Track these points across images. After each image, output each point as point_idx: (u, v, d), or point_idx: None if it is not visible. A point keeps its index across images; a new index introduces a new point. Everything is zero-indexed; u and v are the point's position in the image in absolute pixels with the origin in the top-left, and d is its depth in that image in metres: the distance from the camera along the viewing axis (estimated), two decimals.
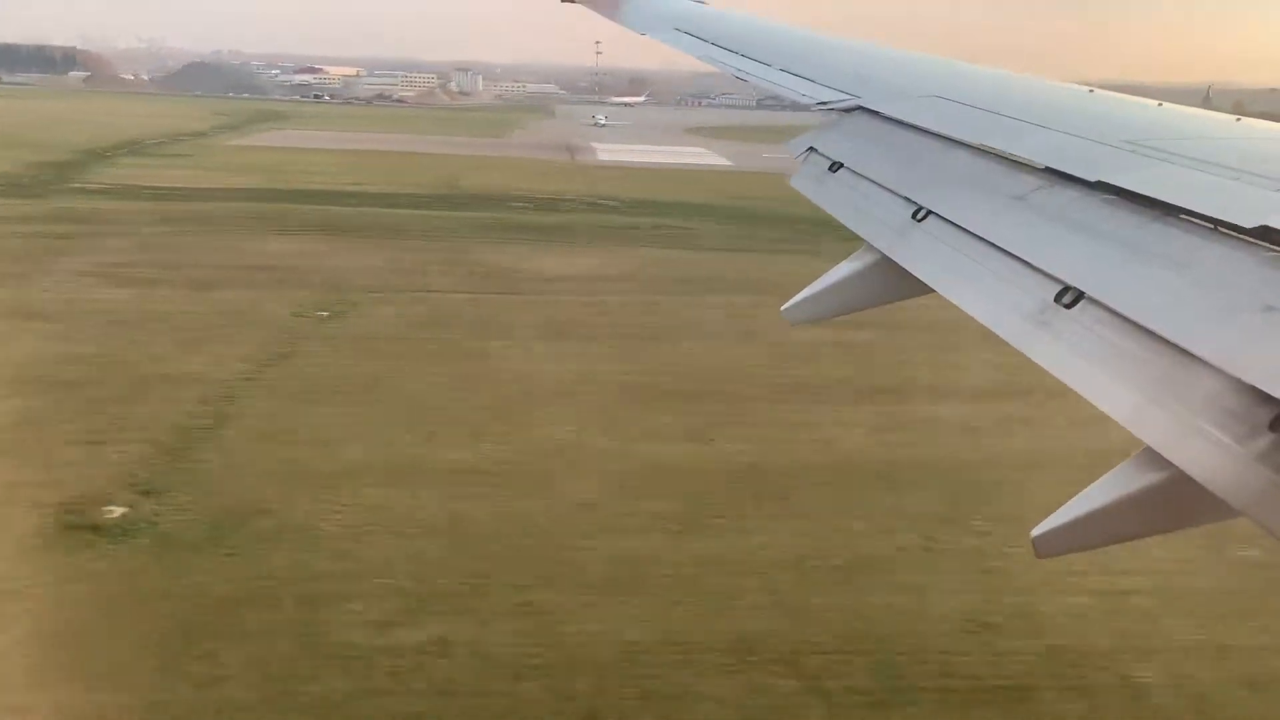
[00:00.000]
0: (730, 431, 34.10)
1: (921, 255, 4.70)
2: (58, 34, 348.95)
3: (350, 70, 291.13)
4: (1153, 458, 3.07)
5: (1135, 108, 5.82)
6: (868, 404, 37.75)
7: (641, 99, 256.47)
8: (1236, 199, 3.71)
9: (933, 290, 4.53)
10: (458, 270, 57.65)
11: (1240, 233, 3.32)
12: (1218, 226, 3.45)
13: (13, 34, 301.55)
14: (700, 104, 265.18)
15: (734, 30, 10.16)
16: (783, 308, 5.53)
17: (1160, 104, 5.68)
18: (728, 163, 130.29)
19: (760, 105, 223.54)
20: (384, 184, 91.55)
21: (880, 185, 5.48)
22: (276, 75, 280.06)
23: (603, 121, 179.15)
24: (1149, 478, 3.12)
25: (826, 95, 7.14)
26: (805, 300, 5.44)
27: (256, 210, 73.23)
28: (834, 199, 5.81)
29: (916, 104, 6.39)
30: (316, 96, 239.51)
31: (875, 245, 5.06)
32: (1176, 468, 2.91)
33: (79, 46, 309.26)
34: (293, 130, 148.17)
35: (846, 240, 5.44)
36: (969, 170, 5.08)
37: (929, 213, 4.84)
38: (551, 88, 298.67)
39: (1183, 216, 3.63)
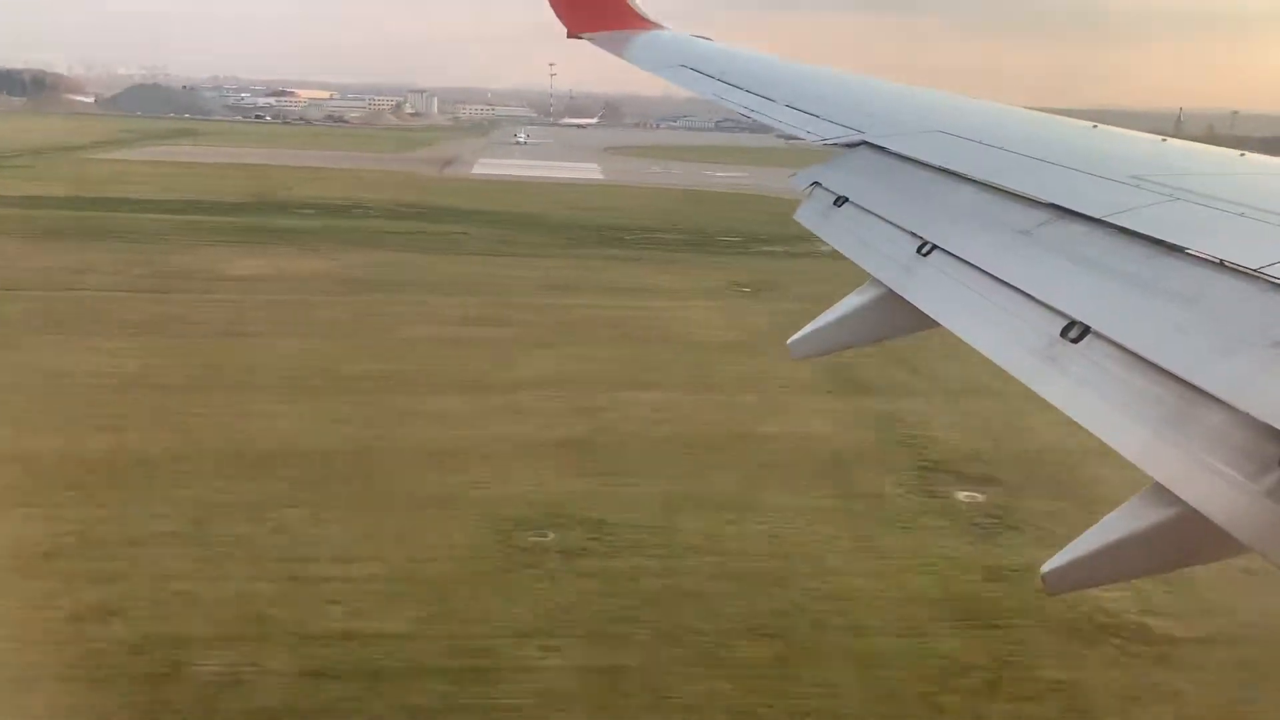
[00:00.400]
0: (143, 421, 32.54)
1: (927, 289, 4.65)
2: (61, 61, 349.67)
3: (323, 94, 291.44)
4: (1162, 493, 3.01)
5: (1140, 143, 5.77)
6: (359, 395, 36.33)
7: (594, 120, 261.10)
8: (1242, 237, 3.69)
9: (938, 324, 4.47)
10: (135, 271, 56.86)
11: (1246, 270, 3.30)
12: (1223, 262, 3.42)
13: (20, 60, 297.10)
14: (658, 126, 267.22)
15: (739, 67, 10.23)
16: (789, 341, 5.44)
17: (1165, 139, 5.66)
18: (600, 178, 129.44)
19: (718, 127, 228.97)
20: (191, 193, 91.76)
21: (885, 220, 5.45)
22: (244, 98, 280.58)
23: (522, 140, 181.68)
24: (1158, 514, 3.07)
25: (831, 131, 7.13)
26: (811, 334, 5.37)
27: (4, 215, 72.66)
28: (839, 233, 5.77)
29: (920, 139, 6.36)
30: (258, 117, 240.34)
31: (880, 279, 5.01)
32: (1186, 503, 2.86)
33: (65, 73, 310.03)
34: (188, 146, 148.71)
35: (602, 245, 4.15)
36: (974, 205, 5.05)
37: (934, 247, 4.80)
38: (522, 110, 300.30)
39: (1188, 253, 3.61)
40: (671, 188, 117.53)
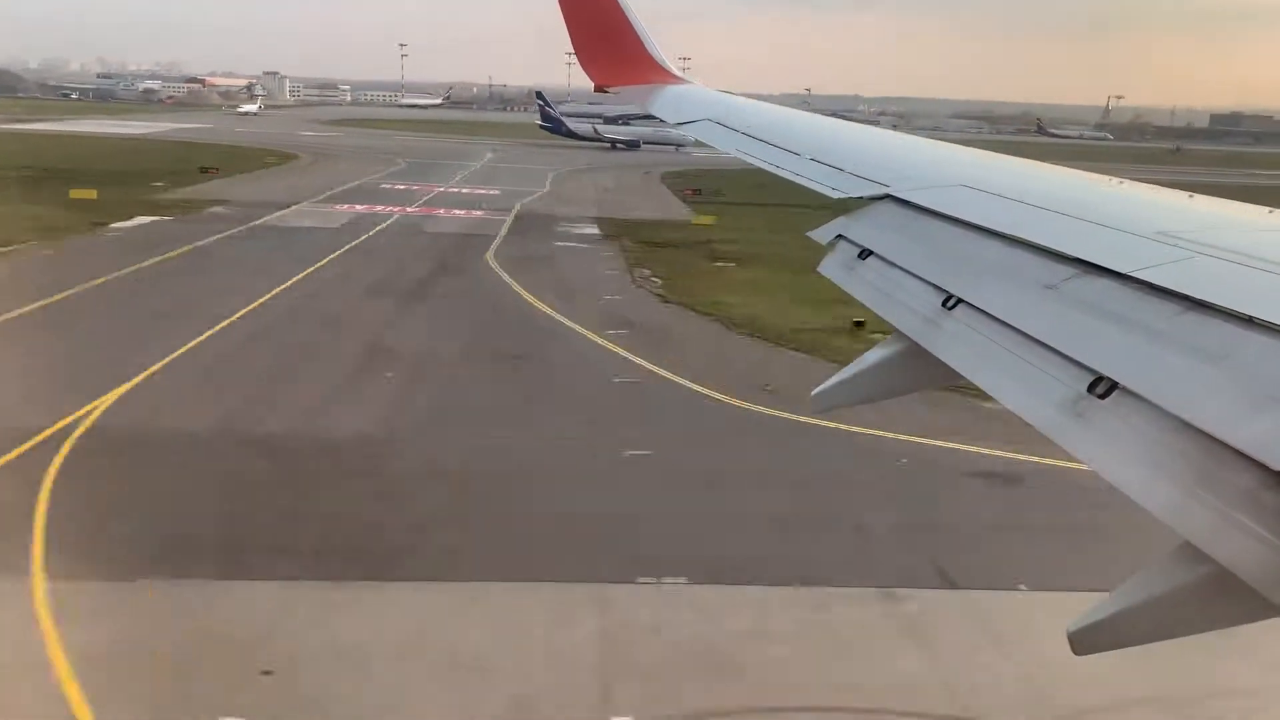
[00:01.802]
0: None
1: (952, 343, 4.65)
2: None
3: (240, 81, 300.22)
4: (1192, 553, 2.99)
5: (1166, 198, 5.89)
6: None
7: (436, 101, 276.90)
8: (1271, 293, 3.69)
9: (963, 378, 4.43)
10: None
11: (1276, 327, 3.29)
12: (1252, 319, 3.42)
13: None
14: (513, 109, 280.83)
15: (763, 122, 10.45)
16: (813, 393, 5.50)
17: (1191, 196, 5.80)
18: (146, 131, 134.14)
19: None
20: None
21: (909, 273, 5.48)
22: (147, 85, 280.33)
23: (244, 110, 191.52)
24: (1188, 574, 3.07)
25: (855, 184, 7.26)
26: (835, 386, 5.47)
27: None
28: (863, 285, 5.90)
29: (944, 193, 6.49)
30: (64, 95, 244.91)
31: (905, 332, 5.02)
32: (1216, 563, 2.85)
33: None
34: None
35: None
36: (998, 259, 5.07)
37: (959, 301, 4.82)
38: (432, 100, 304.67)
39: (1216, 309, 3.60)
40: (189, 141, 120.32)
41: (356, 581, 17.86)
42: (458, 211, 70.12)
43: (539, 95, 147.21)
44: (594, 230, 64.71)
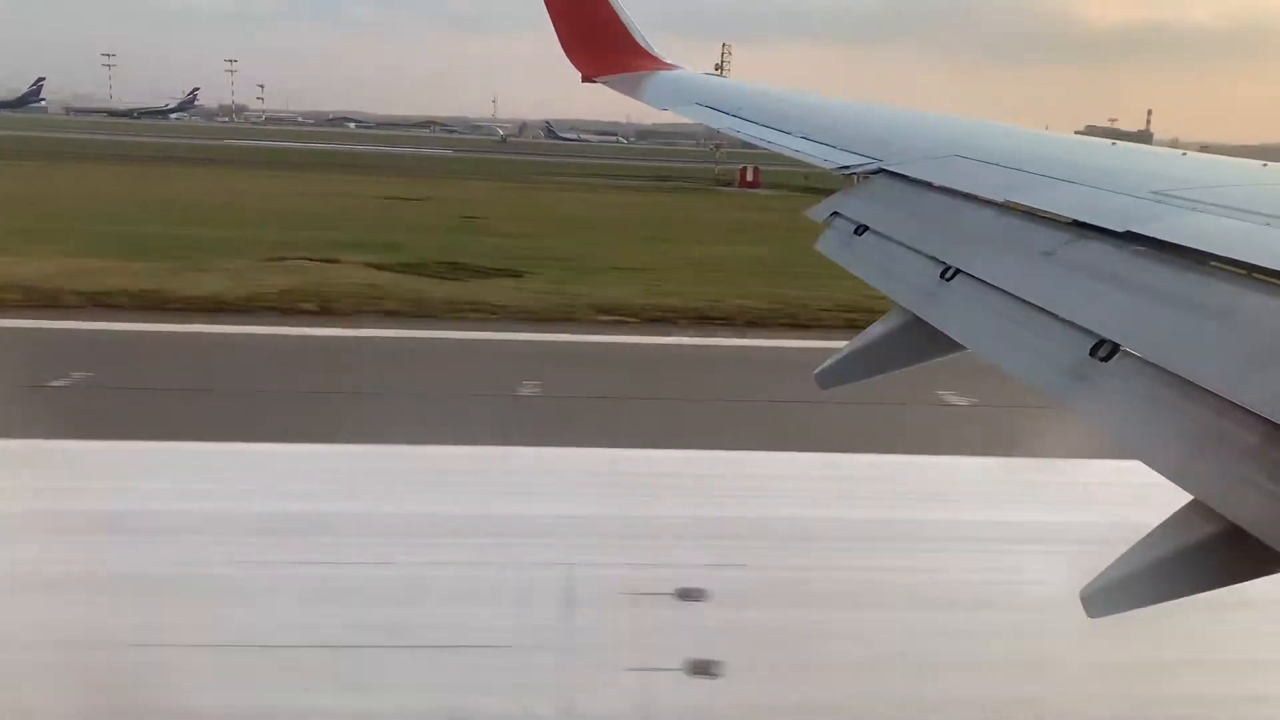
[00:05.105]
0: None
1: (952, 314, 4.60)
2: None
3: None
4: (1201, 510, 2.97)
5: (1159, 158, 5.88)
6: None
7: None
8: (1271, 246, 3.60)
9: (965, 349, 4.53)
10: None
11: (1277, 278, 3.23)
12: (1253, 273, 3.37)
13: None
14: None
15: (753, 102, 10.50)
16: (815, 372, 5.48)
17: (1185, 153, 5.79)
18: None
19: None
20: None
21: (906, 246, 5.50)
22: None
23: None
24: (1197, 532, 3.02)
25: (847, 159, 7.18)
26: (837, 364, 5.45)
27: None
28: (861, 261, 5.85)
29: (938, 164, 6.47)
30: None
31: (904, 306, 5.02)
32: (1227, 520, 2.81)
33: None
34: None
35: None
36: (995, 227, 5.10)
37: (957, 271, 4.79)
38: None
39: (1216, 264, 3.54)
40: None
41: None
42: None
43: None
44: None
